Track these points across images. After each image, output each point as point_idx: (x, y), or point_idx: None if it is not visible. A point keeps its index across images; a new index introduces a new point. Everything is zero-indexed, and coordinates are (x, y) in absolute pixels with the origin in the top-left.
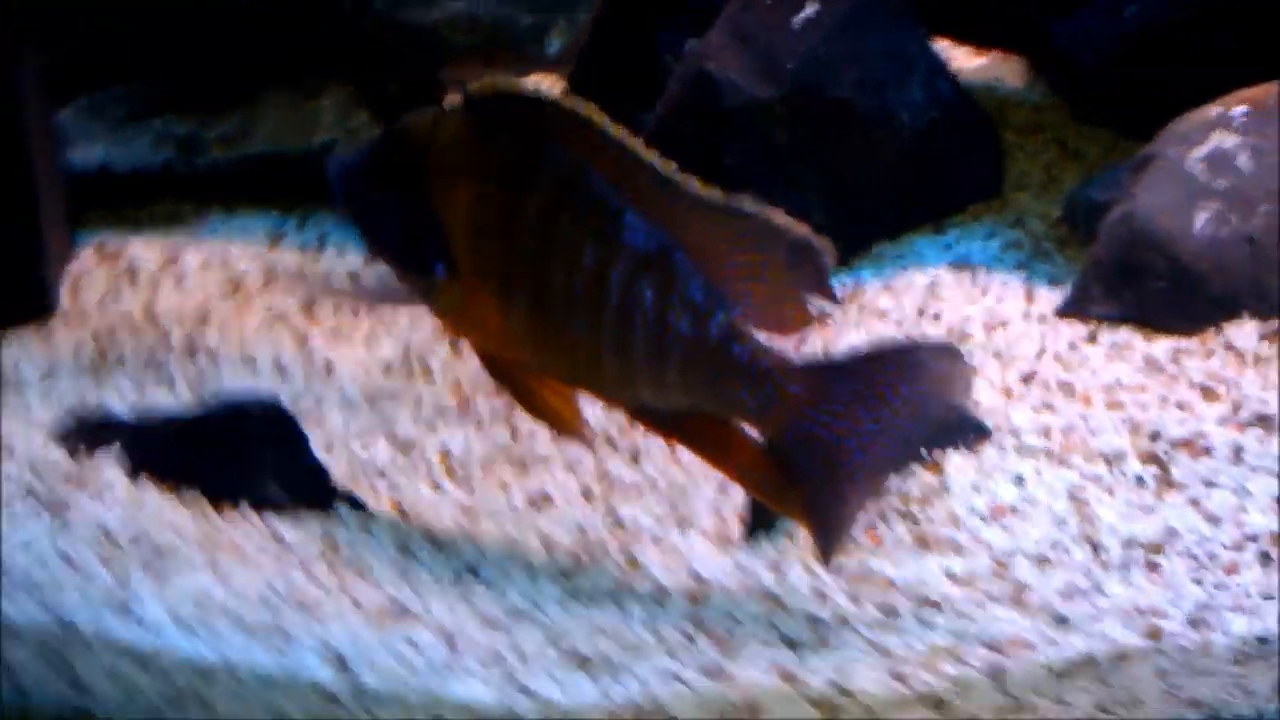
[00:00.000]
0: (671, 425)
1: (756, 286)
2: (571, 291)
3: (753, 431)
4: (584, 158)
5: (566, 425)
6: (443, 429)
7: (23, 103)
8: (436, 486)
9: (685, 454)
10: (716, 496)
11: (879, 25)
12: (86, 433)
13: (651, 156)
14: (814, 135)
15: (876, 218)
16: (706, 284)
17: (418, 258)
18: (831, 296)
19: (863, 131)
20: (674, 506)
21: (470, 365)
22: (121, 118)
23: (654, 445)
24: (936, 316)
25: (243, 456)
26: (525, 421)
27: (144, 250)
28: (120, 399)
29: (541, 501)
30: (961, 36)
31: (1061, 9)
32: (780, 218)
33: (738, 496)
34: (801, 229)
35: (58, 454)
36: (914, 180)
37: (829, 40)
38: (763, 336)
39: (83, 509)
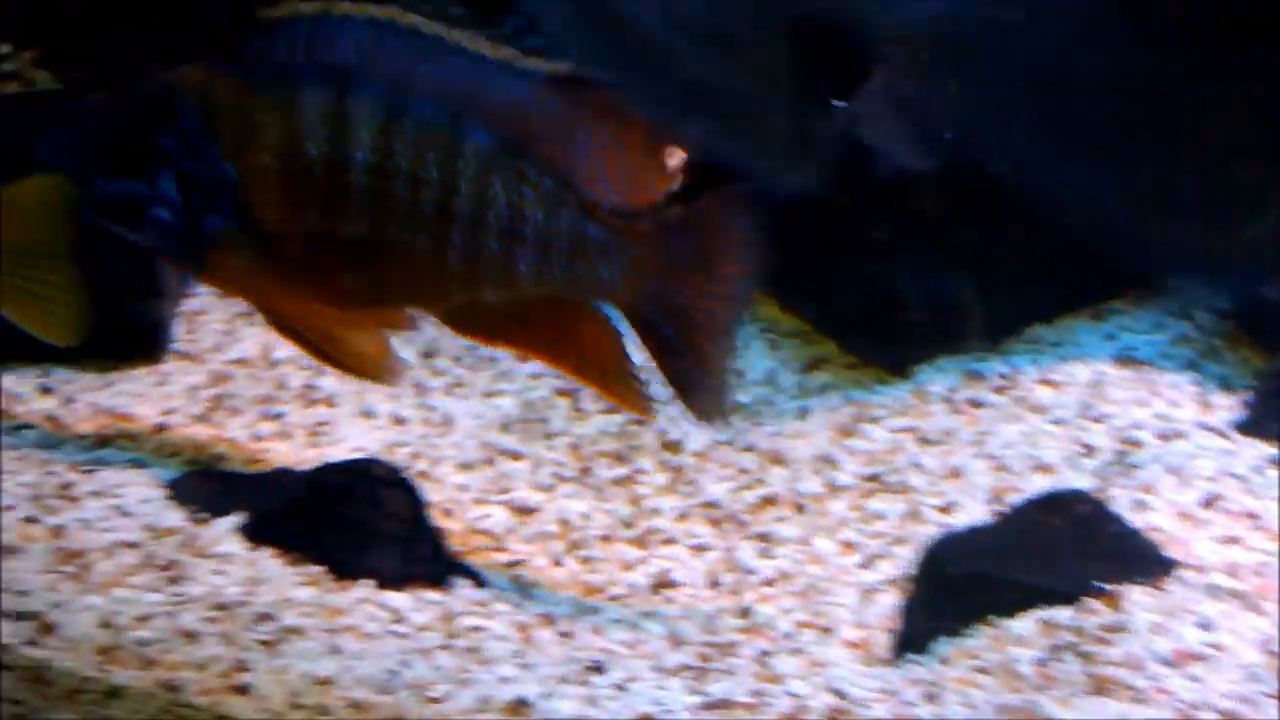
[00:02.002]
0: (503, 322)
1: (613, 156)
2: (410, 207)
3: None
4: (402, 65)
5: (377, 369)
6: (561, 495)
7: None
8: (556, 561)
9: (821, 547)
10: (859, 603)
11: None
12: (205, 493)
13: (482, 45)
14: (968, 211)
15: (1032, 299)
16: (553, 171)
17: (194, 221)
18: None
19: (1022, 210)
20: (813, 609)
21: (591, 426)
22: None
23: (786, 533)
24: (1102, 418)
25: (364, 526)
26: (648, 494)
27: None
28: (236, 451)
29: (666, 586)
30: None
31: None
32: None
33: (883, 604)
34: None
35: (176, 516)
36: (1075, 262)
37: (989, 111)
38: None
39: (201, 580)
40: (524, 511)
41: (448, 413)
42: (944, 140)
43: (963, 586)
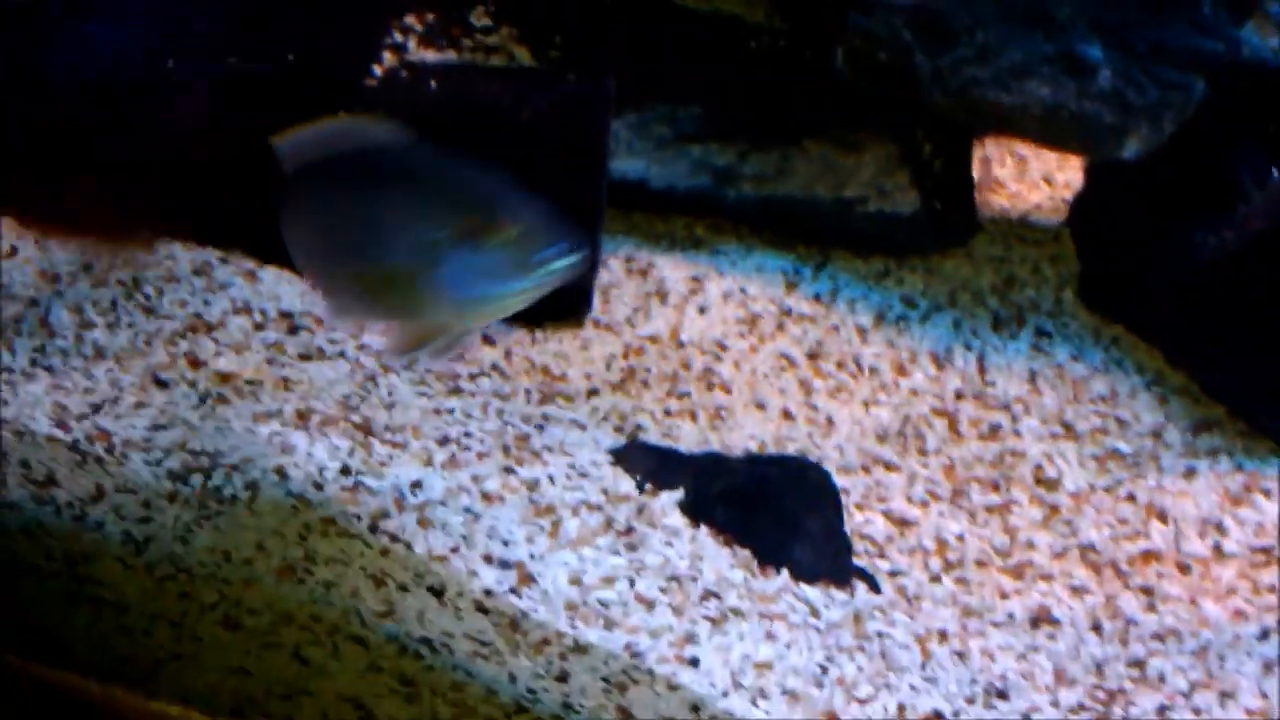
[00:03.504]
0: None
1: None
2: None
3: None
4: None
5: None
6: (936, 514)
7: (605, 118)
8: (935, 578)
9: (1210, 611)
10: (1260, 673)
11: None
12: (648, 464)
13: None
14: None
15: None
16: None
17: None
18: None
19: None
20: (1209, 670)
21: (967, 450)
22: (666, 138)
23: (1171, 590)
24: None
25: (790, 521)
26: (1022, 526)
27: (671, 271)
28: (654, 424)
29: (1046, 623)
30: None
31: None
32: None
33: None
34: None
35: (626, 484)
36: None
37: None
38: None
39: (655, 550)
40: (902, 523)
41: (831, 415)
42: None
43: None
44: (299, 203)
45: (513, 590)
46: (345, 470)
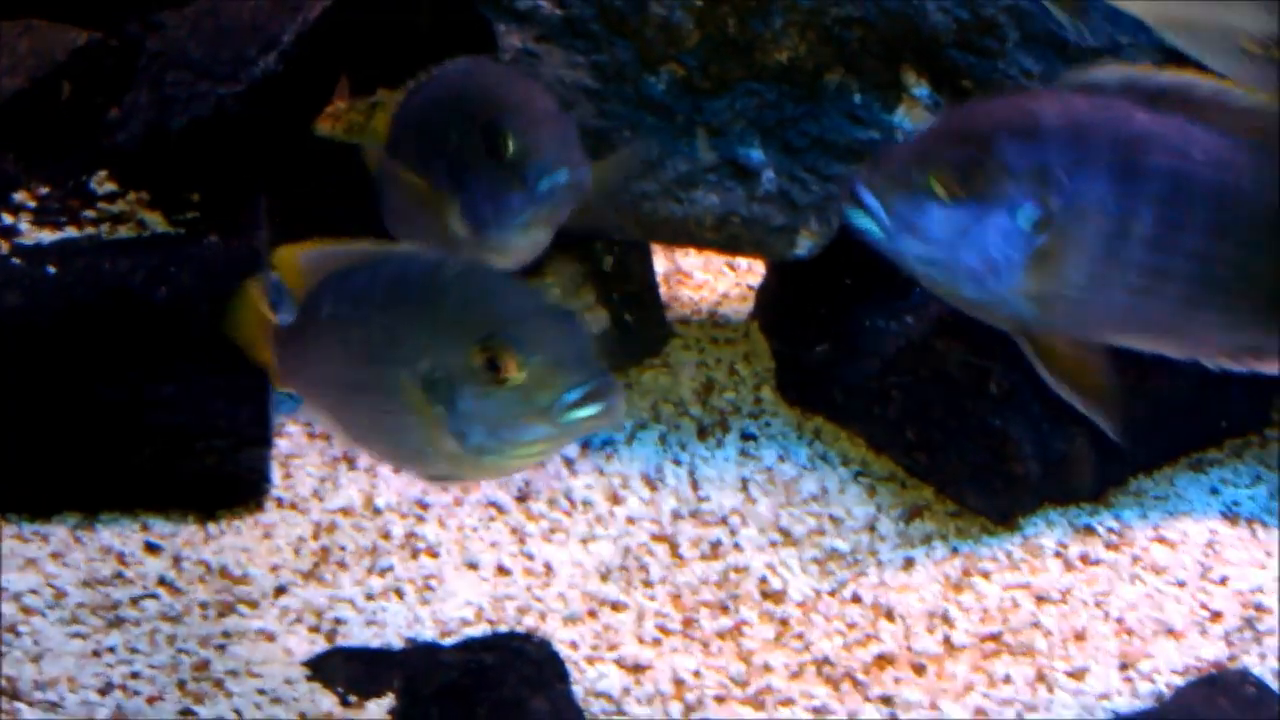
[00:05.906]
0: None
1: None
2: None
3: None
4: None
5: None
6: (669, 651)
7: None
8: None
9: (951, 713)
10: None
11: None
12: (349, 673)
13: None
14: None
15: (1138, 452)
16: None
17: None
18: None
19: (1143, 373)
20: None
21: (690, 574)
22: None
23: (910, 696)
24: (1224, 580)
25: (513, 708)
26: (755, 648)
27: None
28: (354, 613)
29: None
30: None
31: None
32: None
33: None
34: None
35: (327, 700)
36: (1185, 418)
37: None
38: None
39: None
40: (636, 669)
41: (548, 560)
42: None
43: None
44: (309, 319)
45: None
46: None
